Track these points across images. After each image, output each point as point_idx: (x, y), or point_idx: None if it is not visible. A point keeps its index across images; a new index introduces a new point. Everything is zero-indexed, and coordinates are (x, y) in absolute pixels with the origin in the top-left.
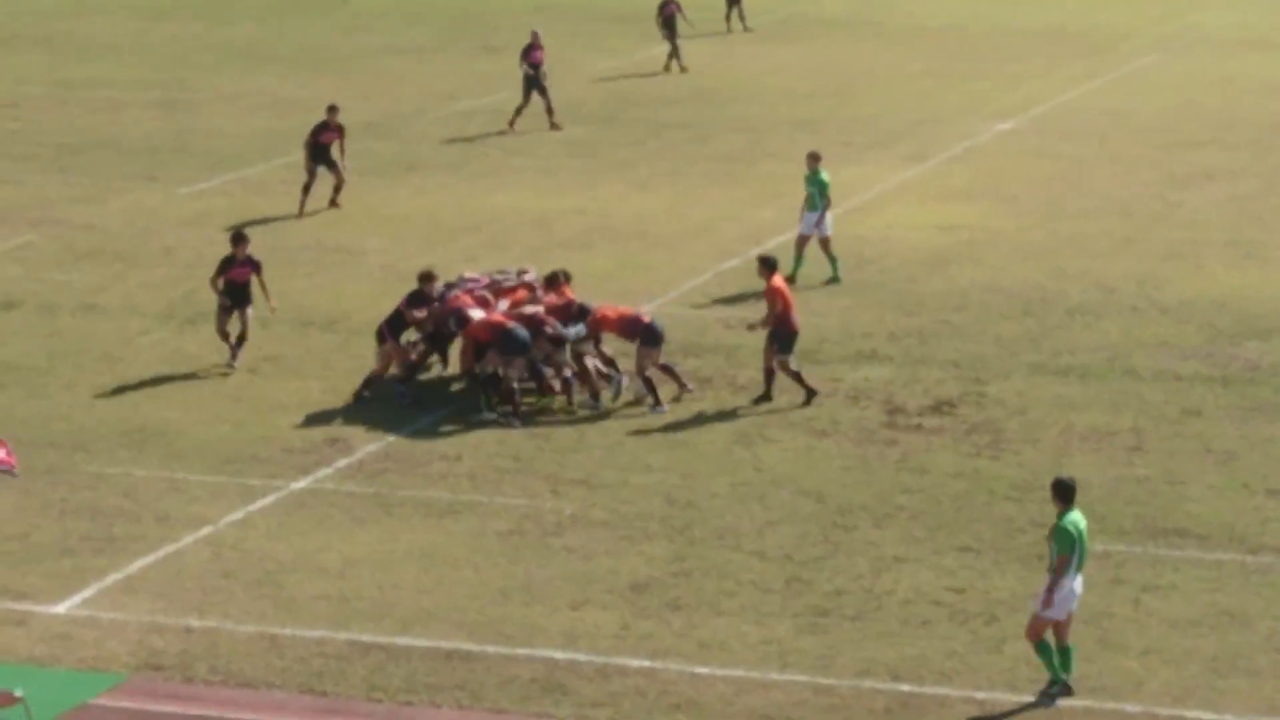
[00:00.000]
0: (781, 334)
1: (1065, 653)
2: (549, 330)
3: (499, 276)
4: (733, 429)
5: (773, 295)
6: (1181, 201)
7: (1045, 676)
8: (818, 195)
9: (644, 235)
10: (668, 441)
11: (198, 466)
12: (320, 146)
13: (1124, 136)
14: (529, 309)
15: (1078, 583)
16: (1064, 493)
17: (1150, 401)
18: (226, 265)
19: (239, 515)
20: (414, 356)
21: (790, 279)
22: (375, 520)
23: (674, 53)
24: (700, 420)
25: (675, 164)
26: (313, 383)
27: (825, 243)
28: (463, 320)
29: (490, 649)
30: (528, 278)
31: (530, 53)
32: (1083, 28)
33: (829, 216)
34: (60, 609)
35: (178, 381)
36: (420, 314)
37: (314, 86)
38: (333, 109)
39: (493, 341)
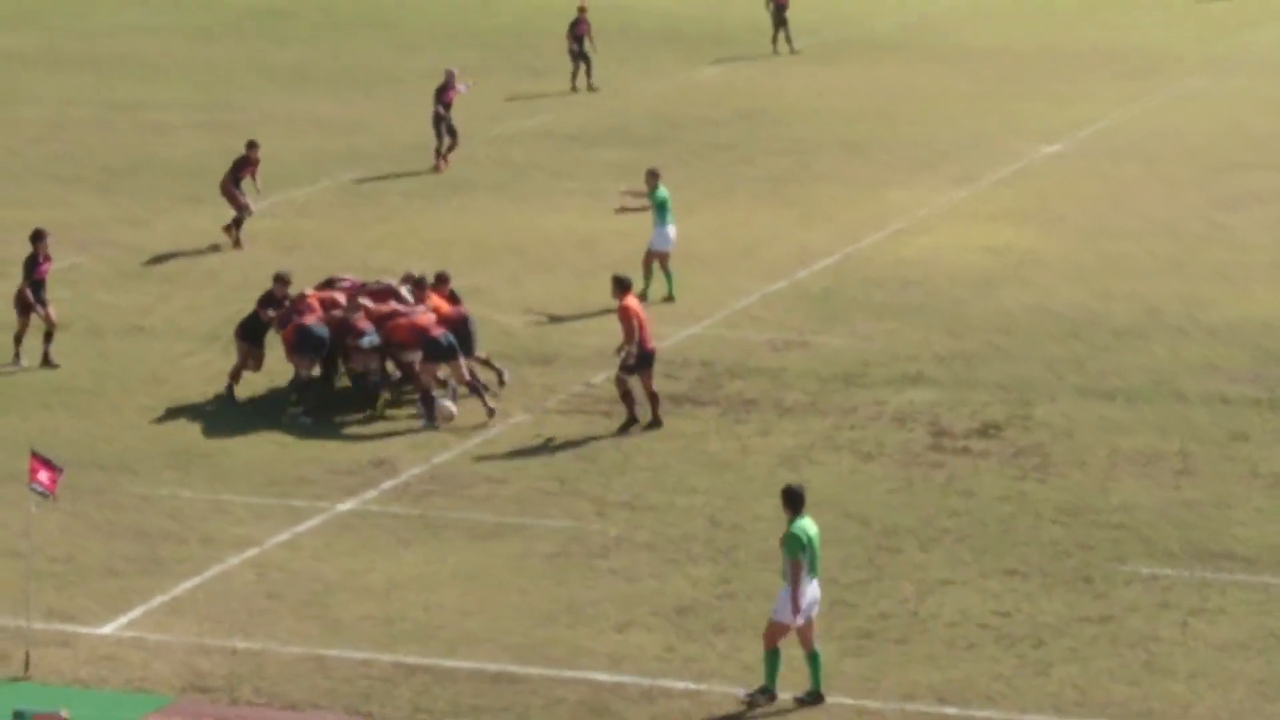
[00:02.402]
0: (641, 355)
1: (814, 659)
2: (350, 340)
3: (380, 285)
4: (778, 451)
5: (625, 315)
6: (1229, 223)
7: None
8: (662, 211)
9: (690, 257)
10: (713, 464)
11: (243, 488)
12: (238, 180)
13: (1171, 158)
14: (342, 312)
15: (814, 588)
16: (793, 500)
17: (1197, 424)
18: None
19: (285, 537)
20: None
21: (643, 296)
22: (421, 542)
23: (581, 71)
24: (745, 443)
25: (721, 185)
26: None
27: (664, 258)
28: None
29: (535, 671)
30: (404, 288)
31: (444, 92)
32: (1130, 49)
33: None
34: (106, 630)
35: (224, 403)
36: (271, 314)
37: (360, 108)
38: (252, 145)
39: (291, 341)
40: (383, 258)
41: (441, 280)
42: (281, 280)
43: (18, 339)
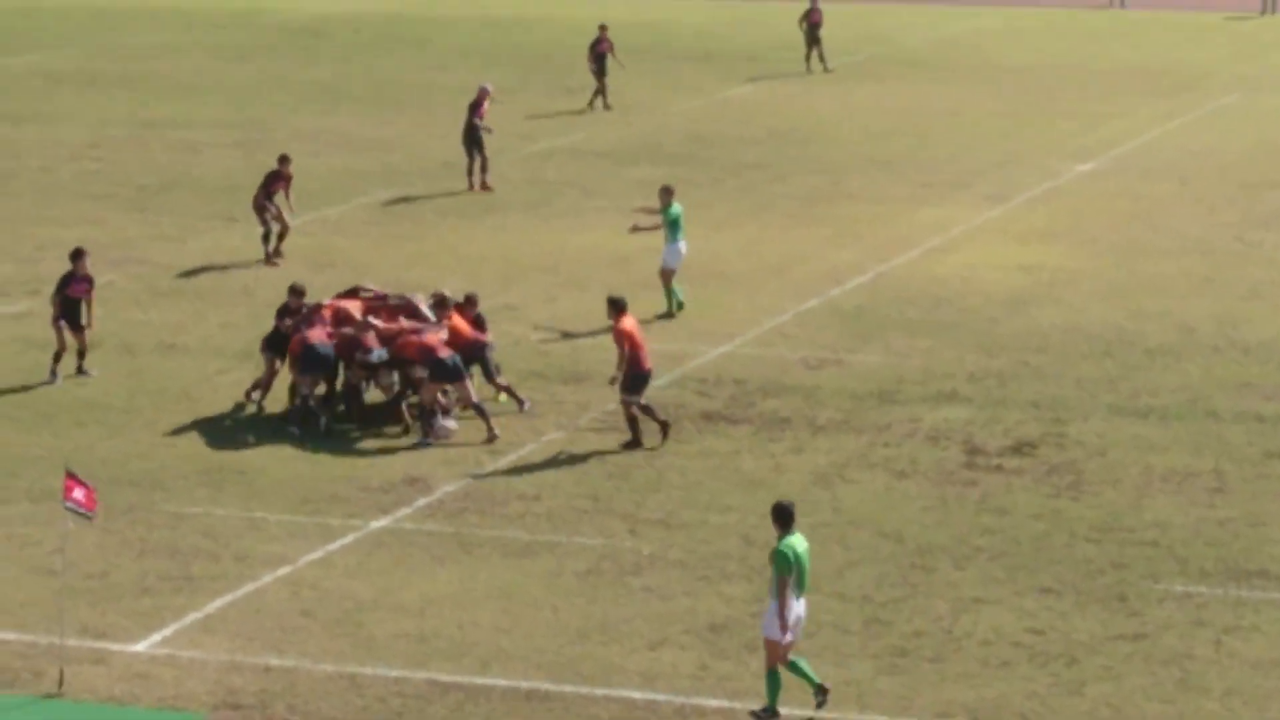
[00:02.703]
0: (631, 375)
1: (794, 665)
2: (358, 355)
3: (401, 299)
4: (812, 470)
5: (619, 337)
6: (1262, 241)
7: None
8: (675, 228)
9: (722, 275)
10: (746, 482)
11: (277, 505)
12: (270, 195)
13: (1205, 176)
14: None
15: (800, 606)
16: (782, 517)
17: (1232, 443)
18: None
19: (318, 554)
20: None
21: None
22: (454, 560)
23: (600, 91)
24: (779, 461)
25: (754, 204)
26: (391, 422)
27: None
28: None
29: (568, 689)
30: (424, 305)
31: (477, 107)
32: (1163, 67)
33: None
34: (139, 648)
35: (257, 421)
36: (289, 323)
37: (393, 126)
38: (284, 159)
39: (296, 356)
40: (416, 275)
41: (470, 302)
42: (296, 291)
43: (56, 357)
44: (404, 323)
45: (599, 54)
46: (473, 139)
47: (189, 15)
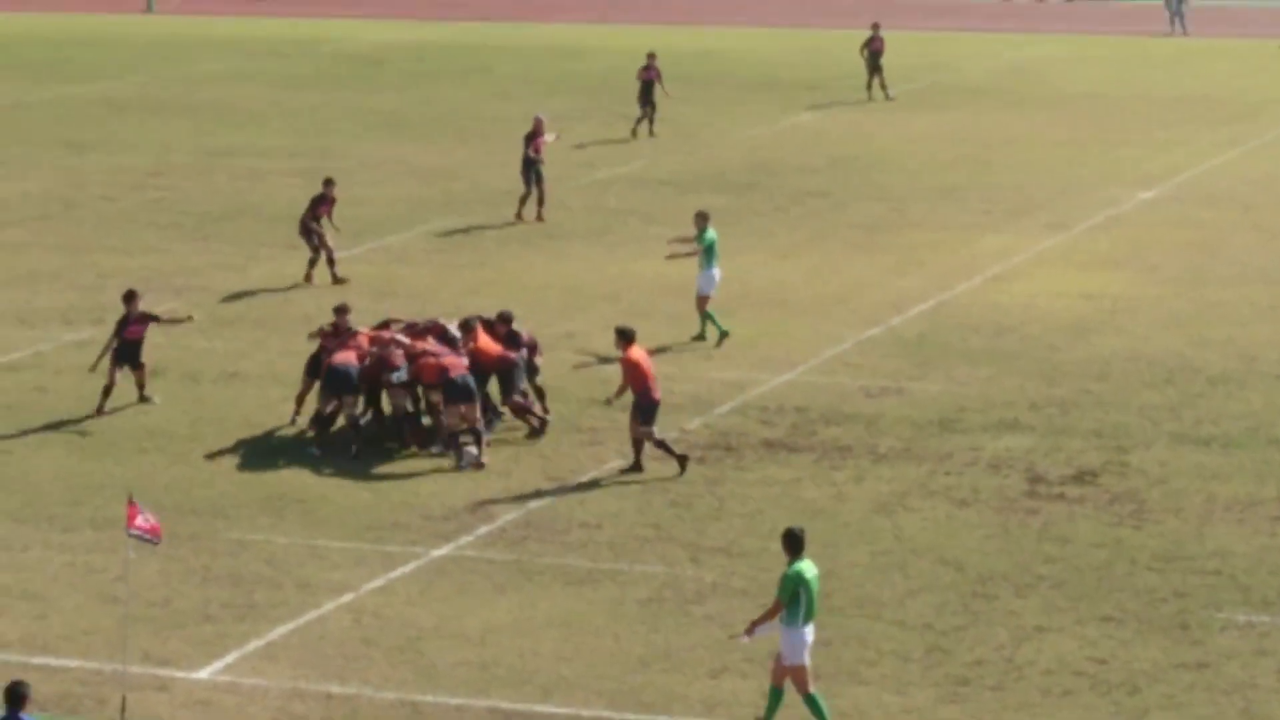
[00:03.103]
0: (642, 405)
1: (776, 695)
2: (384, 375)
3: (430, 322)
4: (873, 498)
5: (626, 366)
6: None
7: None
8: (710, 253)
9: (784, 303)
10: (808, 510)
11: (338, 533)
12: (316, 218)
13: (1267, 204)
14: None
15: (809, 631)
16: (792, 543)
17: None
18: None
19: (380, 582)
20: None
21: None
22: (516, 587)
23: (644, 118)
24: (840, 489)
25: (816, 232)
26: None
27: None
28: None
29: (630, 717)
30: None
31: (533, 139)
32: (1225, 95)
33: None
34: (202, 675)
35: (319, 448)
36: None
37: (454, 154)
38: (329, 182)
39: (321, 377)
40: (477, 304)
41: (503, 320)
42: (341, 311)
43: (106, 392)
44: (430, 343)
45: (645, 81)
46: (530, 170)
47: (252, 44)
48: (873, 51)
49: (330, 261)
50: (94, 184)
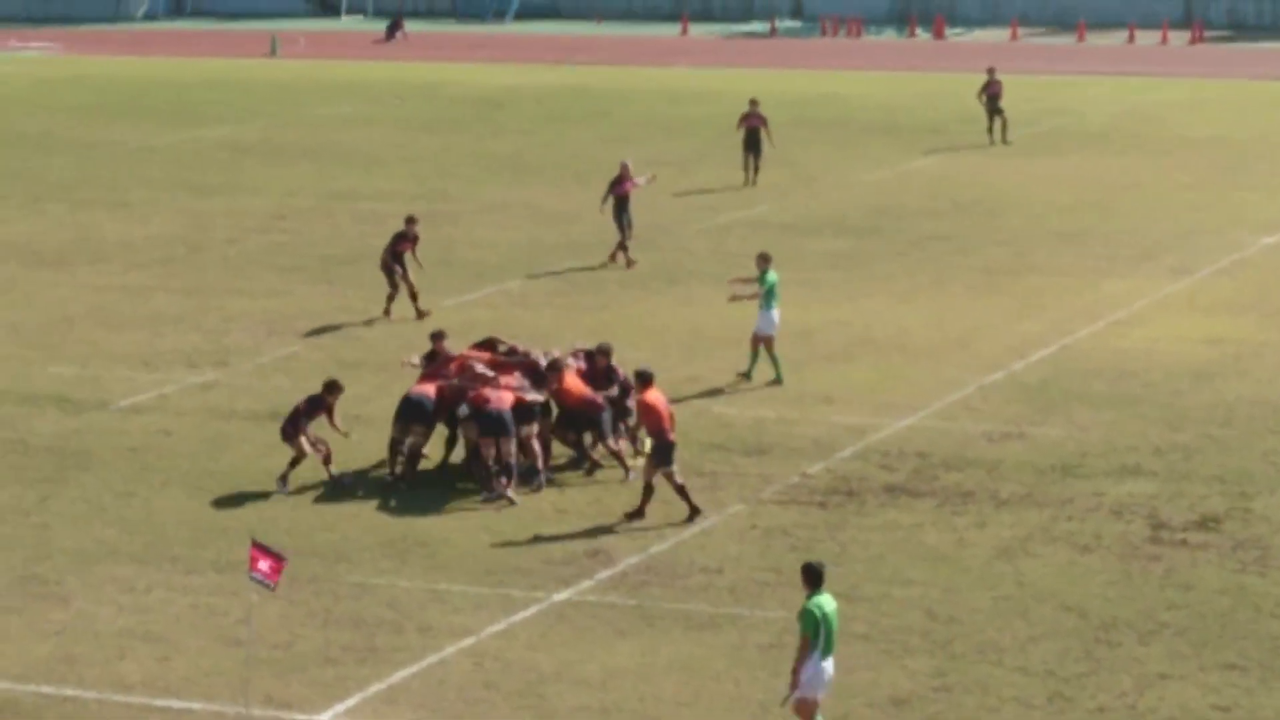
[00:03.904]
0: (658, 447)
1: None
2: (457, 409)
3: (525, 356)
4: (995, 543)
5: (642, 408)
6: None
7: None
8: (770, 295)
9: (906, 347)
10: (929, 555)
11: (460, 577)
12: (398, 255)
13: None
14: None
15: (829, 664)
16: (810, 577)
17: None
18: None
19: (501, 626)
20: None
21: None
22: (636, 632)
23: (748, 165)
24: (962, 535)
25: (937, 276)
26: (573, 492)
27: (770, 342)
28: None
29: None
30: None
31: (620, 184)
32: None
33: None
34: (324, 718)
35: (440, 492)
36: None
37: (576, 198)
38: (411, 220)
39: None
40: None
41: (601, 353)
42: (437, 337)
43: (293, 463)
44: (514, 378)
45: (750, 129)
46: (622, 214)
47: (373, 88)
48: (990, 95)
49: (413, 296)
50: (218, 227)
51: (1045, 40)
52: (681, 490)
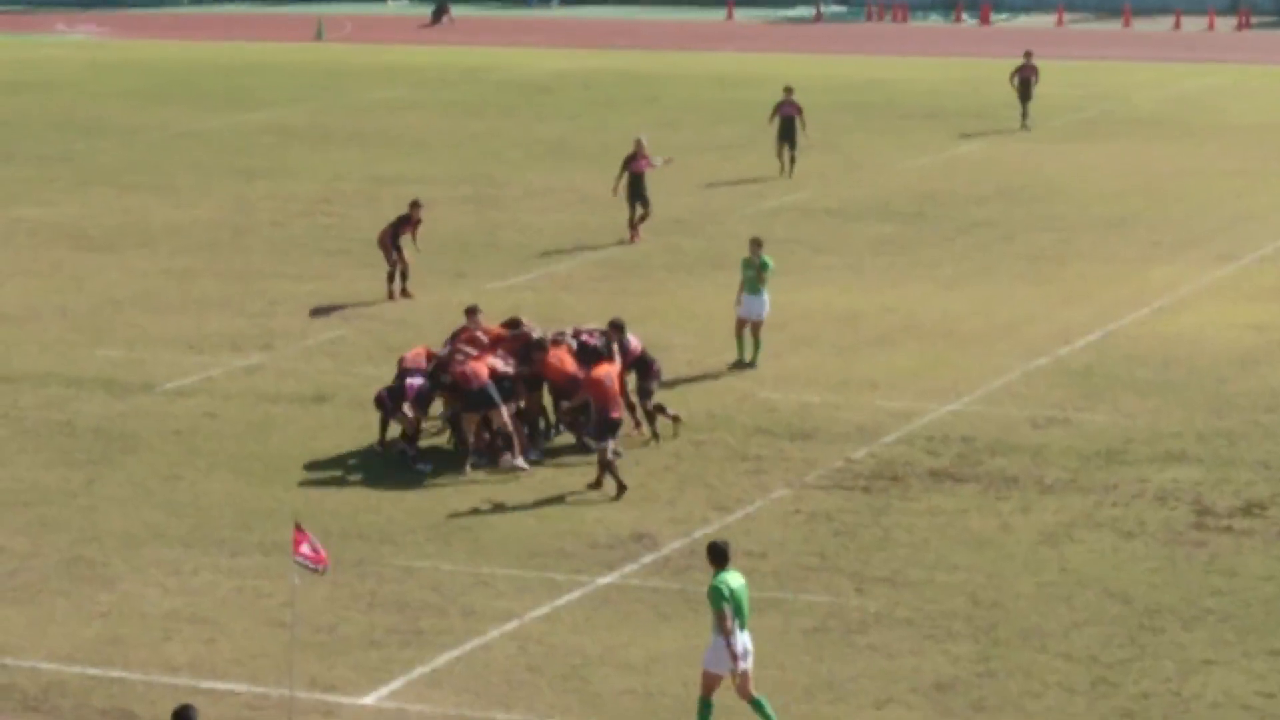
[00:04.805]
0: (600, 422)
1: (758, 705)
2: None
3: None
4: (1039, 529)
5: (587, 384)
6: None
7: None
8: (757, 278)
9: (951, 333)
10: (973, 541)
11: (504, 561)
12: (398, 236)
13: None
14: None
15: (744, 638)
16: (715, 555)
17: None
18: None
19: (545, 610)
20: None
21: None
22: (680, 616)
23: (785, 155)
24: (1006, 520)
25: (983, 262)
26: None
27: (757, 326)
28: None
29: None
30: (576, 336)
31: (633, 161)
32: None
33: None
34: (368, 701)
35: (484, 475)
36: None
37: (622, 182)
38: (415, 204)
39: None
40: (644, 332)
41: (615, 328)
42: (471, 312)
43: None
44: (494, 354)
45: (785, 118)
46: (635, 191)
47: (420, 72)
48: (1022, 79)
49: (403, 276)
50: (263, 211)
51: (1091, 26)
52: (609, 466)
